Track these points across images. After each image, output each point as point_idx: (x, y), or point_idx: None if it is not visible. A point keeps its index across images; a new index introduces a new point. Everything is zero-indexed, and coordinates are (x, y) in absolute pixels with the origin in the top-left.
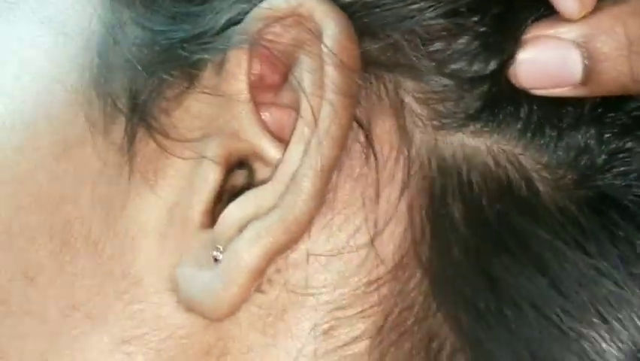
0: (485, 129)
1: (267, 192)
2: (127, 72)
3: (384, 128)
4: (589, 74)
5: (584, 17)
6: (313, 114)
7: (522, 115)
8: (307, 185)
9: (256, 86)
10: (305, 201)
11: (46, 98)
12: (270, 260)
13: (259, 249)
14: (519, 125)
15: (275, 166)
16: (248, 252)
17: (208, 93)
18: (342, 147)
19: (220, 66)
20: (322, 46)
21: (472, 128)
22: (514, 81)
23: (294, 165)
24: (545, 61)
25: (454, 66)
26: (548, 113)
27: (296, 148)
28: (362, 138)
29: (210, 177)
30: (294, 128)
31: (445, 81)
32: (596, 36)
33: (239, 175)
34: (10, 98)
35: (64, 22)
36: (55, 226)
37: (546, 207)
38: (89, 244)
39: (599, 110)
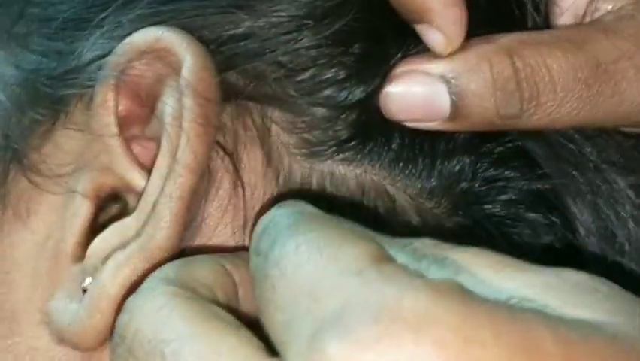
0: (355, 158)
1: (131, 223)
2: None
3: (251, 158)
4: (456, 109)
5: (452, 54)
6: (171, 144)
7: (394, 145)
8: (165, 213)
9: (125, 120)
10: (163, 229)
11: None
12: (131, 288)
13: (120, 277)
14: (390, 155)
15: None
16: (110, 280)
17: (75, 129)
18: (199, 174)
19: (89, 102)
20: (181, 78)
21: (341, 156)
22: (385, 113)
23: (155, 195)
24: (414, 95)
25: (320, 95)
26: (421, 143)
27: (156, 178)
28: (231, 168)
29: (81, 211)
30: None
31: (313, 110)
32: (462, 73)
33: (114, 208)
34: None
35: None
36: None
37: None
38: None
39: (475, 140)
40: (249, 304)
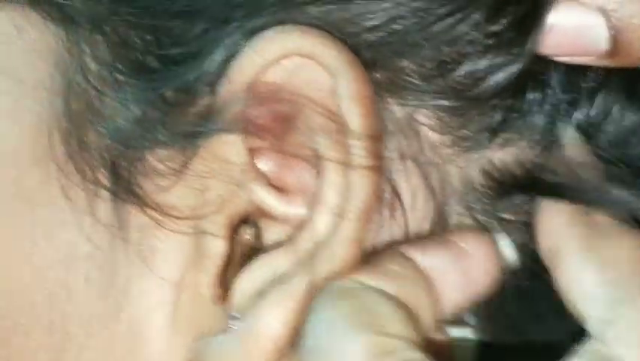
0: (512, 138)
1: (286, 258)
2: (105, 141)
3: (405, 173)
4: (615, 44)
5: None
6: (338, 177)
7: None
8: (338, 253)
9: (249, 131)
10: (335, 268)
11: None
12: (294, 326)
13: (283, 315)
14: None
15: (283, 221)
16: (271, 319)
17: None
18: (373, 213)
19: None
20: (338, 101)
21: (498, 140)
22: (539, 48)
23: (320, 234)
24: (568, 27)
25: (480, 85)
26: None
27: (322, 217)
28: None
29: (216, 250)
30: (300, 183)
31: (469, 103)
32: (624, 4)
33: (244, 231)
34: None
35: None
36: (52, 321)
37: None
38: (92, 336)
39: None
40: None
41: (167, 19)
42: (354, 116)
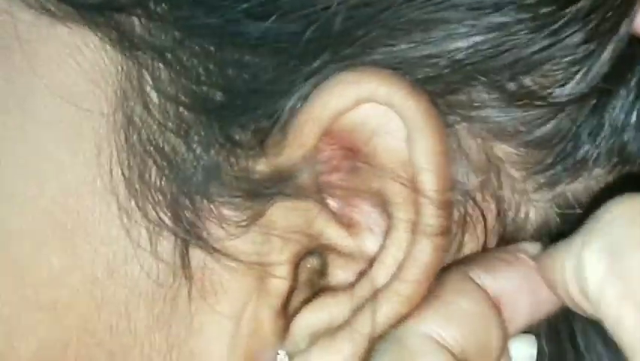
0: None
1: (344, 303)
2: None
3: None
4: None
5: None
6: (406, 239)
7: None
8: (387, 310)
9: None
10: (391, 323)
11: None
12: None
13: None
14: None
15: (351, 259)
16: None
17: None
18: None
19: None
20: (412, 155)
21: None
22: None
23: (377, 284)
24: None
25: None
26: None
27: (383, 268)
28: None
29: (279, 287)
30: (367, 221)
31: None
32: None
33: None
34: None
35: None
36: (113, 353)
37: None
38: None
39: None
40: None
41: (237, 50)
42: (428, 174)
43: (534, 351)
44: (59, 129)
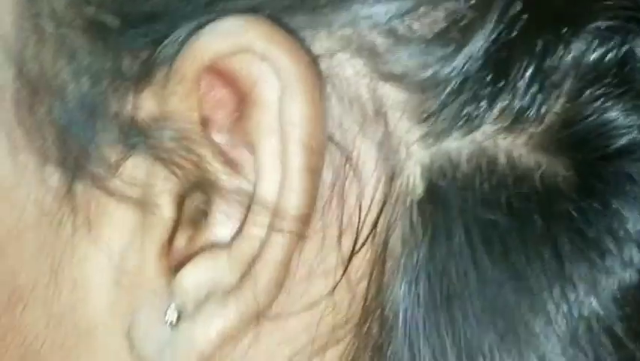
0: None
1: (224, 268)
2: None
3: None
4: None
5: None
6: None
7: None
8: (263, 279)
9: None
10: (262, 293)
11: None
12: (223, 344)
13: (213, 334)
14: None
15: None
16: (202, 336)
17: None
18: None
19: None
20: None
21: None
22: None
23: (253, 251)
24: None
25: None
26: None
27: (253, 232)
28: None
29: (163, 222)
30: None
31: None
32: None
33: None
34: None
35: None
36: (2, 274)
37: None
38: (37, 297)
39: None
40: None
41: None
42: (295, 145)
43: None
44: None
